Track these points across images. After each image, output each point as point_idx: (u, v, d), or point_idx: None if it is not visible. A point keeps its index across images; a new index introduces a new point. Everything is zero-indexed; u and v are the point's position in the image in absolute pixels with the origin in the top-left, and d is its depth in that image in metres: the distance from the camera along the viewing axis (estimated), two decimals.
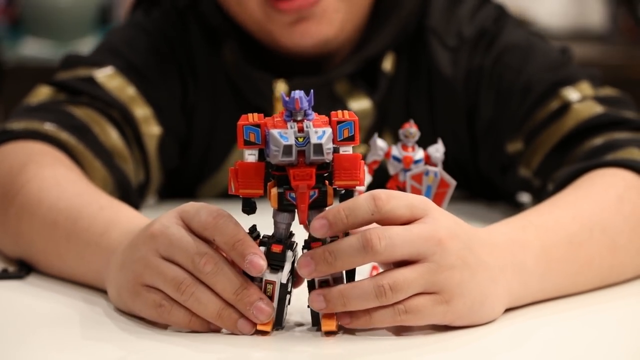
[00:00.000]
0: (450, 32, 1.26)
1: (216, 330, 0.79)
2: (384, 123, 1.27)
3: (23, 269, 0.99)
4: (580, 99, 1.16)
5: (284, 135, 0.75)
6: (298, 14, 1.20)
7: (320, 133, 0.76)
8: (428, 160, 0.92)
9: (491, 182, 1.28)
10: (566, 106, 1.16)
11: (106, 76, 1.22)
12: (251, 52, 1.27)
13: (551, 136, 1.16)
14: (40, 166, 1.05)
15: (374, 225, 0.78)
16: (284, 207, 0.77)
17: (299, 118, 0.76)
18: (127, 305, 0.83)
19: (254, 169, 0.77)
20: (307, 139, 0.75)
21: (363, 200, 0.77)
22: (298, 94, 0.76)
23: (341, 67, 1.25)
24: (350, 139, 0.77)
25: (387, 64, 1.26)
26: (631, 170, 1.01)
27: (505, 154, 1.21)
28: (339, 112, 0.77)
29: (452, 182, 0.89)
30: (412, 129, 0.92)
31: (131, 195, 1.17)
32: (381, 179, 1.13)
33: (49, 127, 1.13)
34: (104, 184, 1.14)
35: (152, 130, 1.24)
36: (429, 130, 1.21)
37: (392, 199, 0.77)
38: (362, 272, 1.00)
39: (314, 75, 1.25)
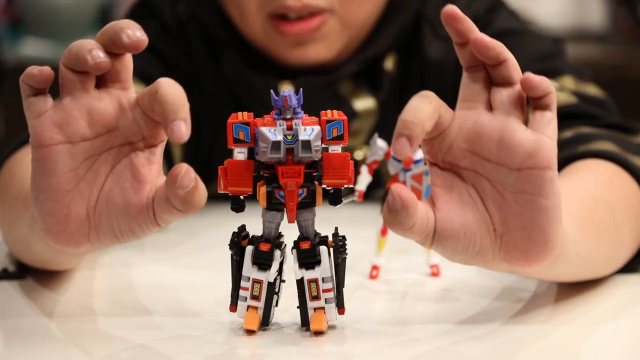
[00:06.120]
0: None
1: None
2: (387, 121, 1.27)
3: (23, 268, 0.99)
4: (558, 89, 1.14)
5: (272, 132, 0.76)
6: (299, 38, 1.21)
7: (309, 130, 0.76)
8: None
9: None
10: None
11: None
12: (253, 57, 1.27)
13: None
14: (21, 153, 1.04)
15: None
16: (273, 206, 0.77)
17: (288, 117, 0.76)
18: None
19: (243, 166, 0.77)
20: (295, 136, 0.76)
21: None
22: (287, 92, 0.76)
23: (345, 67, 1.25)
24: (339, 138, 0.77)
25: (389, 63, 1.27)
26: (608, 160, 1.00)
27: None
28: (328, 112, 0.78)
29: None
30: None
31: None
32: (381, 179, 1.14)
33: None
34: None
35: None
36: None
37: None
38: (362, 272, 1.00)
39: (318, 75, 1.25)
